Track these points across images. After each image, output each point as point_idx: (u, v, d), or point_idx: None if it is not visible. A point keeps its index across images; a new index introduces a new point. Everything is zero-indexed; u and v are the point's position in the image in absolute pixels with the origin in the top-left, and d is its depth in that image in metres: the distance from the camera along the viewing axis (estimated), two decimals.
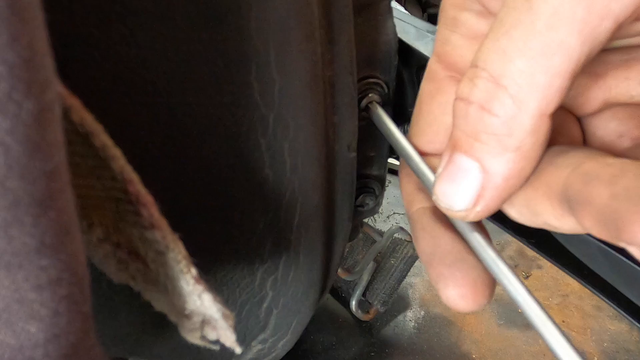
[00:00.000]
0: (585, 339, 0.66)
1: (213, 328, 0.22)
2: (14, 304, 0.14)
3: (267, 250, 0.31)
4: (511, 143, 0.19)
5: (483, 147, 0.20)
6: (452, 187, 0.21)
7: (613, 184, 0.17)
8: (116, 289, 0.23)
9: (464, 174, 0.21)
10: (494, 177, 0.20)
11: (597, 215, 0.17)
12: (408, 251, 0.64)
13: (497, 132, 0.20)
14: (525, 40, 0.18)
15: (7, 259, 0.13)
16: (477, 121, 0.20)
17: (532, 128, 0.19)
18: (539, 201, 0.20)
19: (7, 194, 0.13)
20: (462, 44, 0.24)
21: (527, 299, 0.21)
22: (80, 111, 0.17)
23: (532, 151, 0.20)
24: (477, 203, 0.21)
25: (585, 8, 0.17)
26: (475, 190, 0.21)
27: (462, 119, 0.21)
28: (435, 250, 0.24)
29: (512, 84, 0.19)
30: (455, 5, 0.24)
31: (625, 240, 0.16)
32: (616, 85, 0.22)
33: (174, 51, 0.22)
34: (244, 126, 0.25)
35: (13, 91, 0.12)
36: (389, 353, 0.65)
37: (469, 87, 0.20)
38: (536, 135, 0.19)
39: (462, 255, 0.23)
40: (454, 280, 0.22)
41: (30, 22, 0.12)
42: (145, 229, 0.19)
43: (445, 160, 0.22)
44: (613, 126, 0.23)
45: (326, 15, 0.27)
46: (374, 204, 0.40)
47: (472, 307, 0.22)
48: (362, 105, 0.32)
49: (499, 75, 0.19)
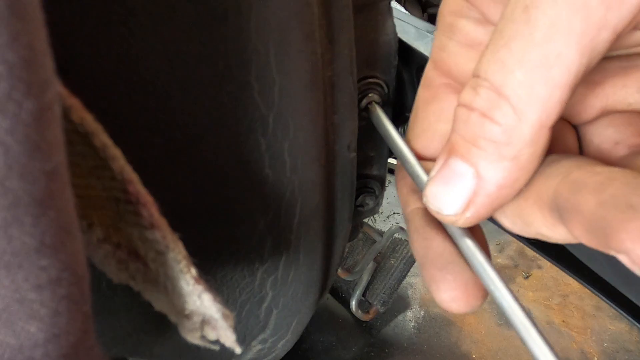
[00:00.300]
0: (585, 339, 0.66)
1: (213, 328, 0.22)
2: (13, 304, 0.14)
3: (267, 250, 0.31)
4: (509, 152, 0.19)
5: (480, 154, 0.20)
6: (444, 190, 0.21)
7: (600, 192, 0.17)
8: (116, 289, 0.23)
9: (457, 178, 0.21)
10: (487, 184, 0.20)
11: (585, 223, 0.17)
12: (408, 251, 0.64)
13: (496, 140, 0.20)
14: (523, 52, 0.18)
15: (7, 259, 0.13)
16: (477, 127, 0.20)
17: (531, 139, 0.19)
18: (531, 211, 0.20)
19: (7, 193, 0.13)
20: (458, 52, 0.24)
21: (514, 308, 0.21)
22: (80, 111, 0.17)
23: (528, 162, 0.20)
24: (468, 209, 0.21)
25: (582, 20, 0.17)
26: (467, 195, 0.21)
27: (462, 124, 0.21)
28: (427, 253, 0.24)
29: (513, 94, 0.19)
30: (453, 12, 0.24)
31: (613, 249, 0.16)
32: (614, 92, 0.22)
33: (174, 51, 0.22)
34: (244, 126, 0.25)
35: (13, 91, 0.12)
36: (389, 353, 0.65)
37: (472, 95, 0.20)
38: (534, 147, 0.19)
39: (453, 258, 0.23)
40: (445, 283, 0.22)
41: (30, 22, 0.12)
42: (145, 229, 0.19)
43: (440, 163, 0.22)
44: (609, 134, 0.23)
45: (326, 15, 0.27)
46: (374, 204, 0.40)
47: (464, 309, 0.22)
48: (362, 105, 0.32)
49: (500, 85, 0.19)
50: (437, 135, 0.26)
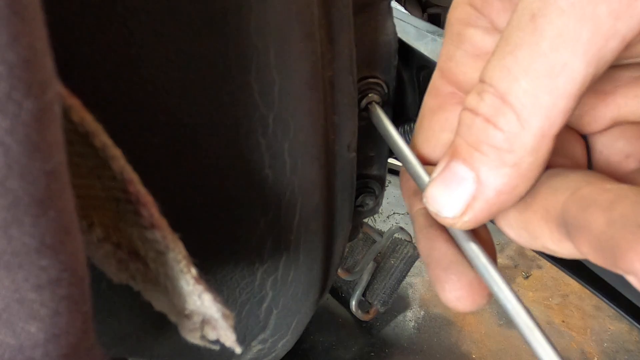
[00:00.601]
0: (585, 339, 0.66)
1: (213, 328, 0.22)
2: (14, 304, 0.14)
3: (267, 250, 0.31)
4: (510, 159, 0.19)
5: (482, 158, 0.20)
6: (444, 192, 0.22)
7: (610, 210, 0.16)
8: (116, 289, 0.23)
9: (458, 182, 0.21)
10: (487, 189, 0.20)
11: (593, 242, 0.17)
12: (408, 251, 0.64)
13: (498, 146, 0.19)
14: (529, 61, 0.18)
15: (7, 259, 0.13)
16: (480, 132, 0.20)
17: (533, 147, 0.19)
18: (537, 225, 0.20)
19: (6, 194, 0.13)
20: (465, 61, 0.24)
21: (517, 310, 0.21)
22: (80, 111, 0.17)
23: (529, 170, 0.20)
24: (466, 212, 0.21)
25: (590, 30, 0.17)
26: (466, 199, 0.21)
27: (466, 128, 0.21)
28: (431, 252, 0.24)
29: (517, 102, 0.19)
30: (461, 21, 0.24)
31: (622, 269, 0.16)
32: (625, 103, 0.22)
33: (174, 51, 0.22)
34: (244, 126, 0.25)
35: (13, 91, 0.12)
36: (389, 353, 0.65)
37: (477, 100, 0.20)
38: (536, 155, 0.19)
39: (458, 258, 0.23)
40: (450, 282, 0.22)
41: (30, 22, 0.12)
42: (145, 228, 0.19)
43: (442, 166, 0.22)
44: (620, 146, 0.22)
45: (326, 15, 0.27)
46: (374, 204, 0.40)
47: (470, 308, 0.22)
48: (362, 105, 0.32)
49: (505, 92, 0.19)
50: (440, 144, 0.26)
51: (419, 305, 0.71)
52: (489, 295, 0.22)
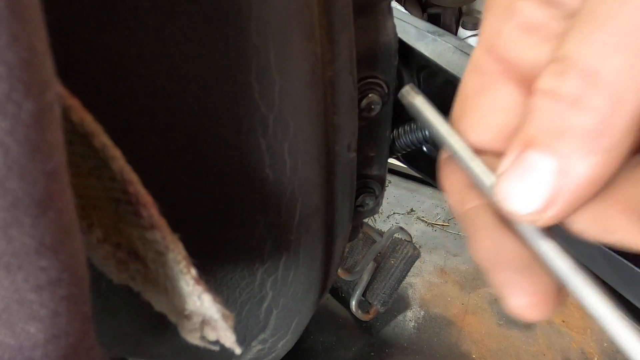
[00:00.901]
0: (585, 339, 0.66)
1: (213, 328, 0.22)
2: (13, 305, 0.14)
3: (267, 251, 0.31)
4: (601, 144, 0.18)
5: (568, 146, 0.18)
6: (521, 186, 0.19)
7: None
8: (116, 289, 0.23)
9: (537, 174, 0.19)
10: (574, 179, 0.18)
11: None
12: (408, 251, 0.64)
13: (587, 131, 0.18)
14: (622, 35, 0.16)
15: (7, 259, 0.13)
16: (565, 117, 0.18)
17: (628, 130, 0.17)
18: (617, 218, 0.19)
19: (6, 194, 0.13)
20: (517, 37, 0.22)
21: (613, 324, 0.19)
22: (80, 111, 0.17)
23: (619, 157, 0.18)
24: (549, 207, 0.19)
25: None
26: (548, 192, 0.19)
27: (544, 113, 0.19)
28: (498, 254, 0.22)
29: (609, 82, 0.17)
30: None
31: None
32: None
33: (174, 51, 0.22)
34: (244, 126, 0.25)
35: (12, 92, 0.12)
36: (389, 353, 0.65)
37: (557, 81, 0.18)
38: (629, 140, 0.18)
39: (530, 260, 0.21)
40: (522, 287, 0.20)
41: (30, 22, 0.12)
42: (145, 229, 0.19)
43: (513, 157, 0.20)
44: None
45: (326, 15, 0.27)
46: (374, 204, 0.40)
47: (542, 317, 0.21)
48: (362, 105, 0.32)
49: (593, 71, 0.17)
50: (492, 129, 0.23)
51: (419, 305, 0.71)
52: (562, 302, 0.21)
